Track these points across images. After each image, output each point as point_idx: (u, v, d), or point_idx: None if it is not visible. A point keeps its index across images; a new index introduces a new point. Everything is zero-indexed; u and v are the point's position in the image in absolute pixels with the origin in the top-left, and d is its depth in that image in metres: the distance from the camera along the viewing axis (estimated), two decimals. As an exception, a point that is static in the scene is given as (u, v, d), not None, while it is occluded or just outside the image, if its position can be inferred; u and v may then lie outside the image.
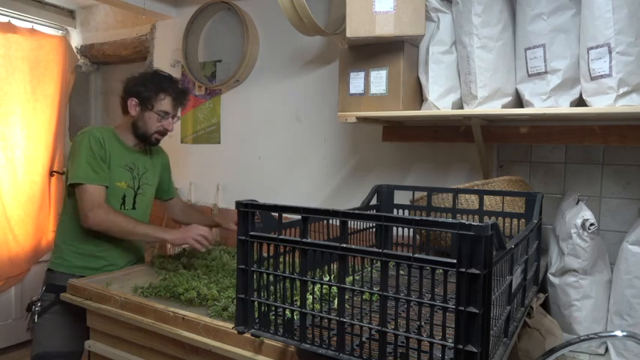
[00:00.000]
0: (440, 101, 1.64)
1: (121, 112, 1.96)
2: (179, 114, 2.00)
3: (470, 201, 1.56)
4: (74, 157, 1.80)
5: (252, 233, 1.01)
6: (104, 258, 1.90)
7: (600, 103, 1.35)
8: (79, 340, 1.76)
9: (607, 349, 1.44)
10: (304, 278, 0.96)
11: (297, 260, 0.99)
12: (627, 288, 1.37)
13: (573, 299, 1.43)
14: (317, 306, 1.05)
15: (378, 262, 0.85)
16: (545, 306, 1.51)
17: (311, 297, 1.06)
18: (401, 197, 1.69)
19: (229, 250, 2.01)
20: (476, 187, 1.55)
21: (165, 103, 1.89)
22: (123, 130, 1.93)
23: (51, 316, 1.84)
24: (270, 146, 2.50)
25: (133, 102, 1.88)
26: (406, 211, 1.65)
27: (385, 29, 1.55)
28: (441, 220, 0.81)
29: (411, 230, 1.58)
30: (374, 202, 1.67)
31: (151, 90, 1.87)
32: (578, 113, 1.40)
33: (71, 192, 1.85)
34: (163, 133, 1.94)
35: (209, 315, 1.38)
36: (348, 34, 1.57)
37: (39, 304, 1.85)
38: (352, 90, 1.71)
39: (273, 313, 1.03)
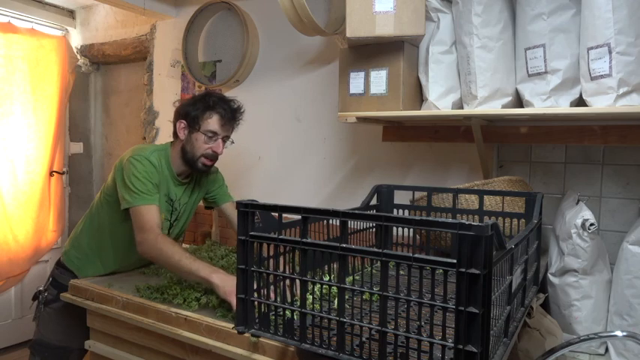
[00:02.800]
0: (440, 101, 1.64)
1: (173, 138, 1.84)
2: (232, 137, 1.84)
3: (470, 201, 1.56)
4: (128, 179, 1.65)
5: (252, 233, 1.01)
6: (119, 271, 1.88)
7: (600, 103, 1.35)
8: (75, 338, 1.79)
9: (607, 349, 1.44)
10: (304, 278, 0.96)
11: (297, 260, 0.99)
12: (627, 288, 1.37)
13: (573, 299, 1.43)
14: (317, 306, 1.05)
15: (378, 262, 0.85)
16: (545, 306, 1.51)
17: (311, 297, 1.06)
18: (401, 197, 1.69)
19: (233, 249, 2.01)
20: (476, 187, 1.55)
21: (212, 122, 1.74)
22: (174, 156, 1.80)
23: (52, 310, 1.86)
24: (270, 146, 2.50)
25: (181, 124, 1.77)
26: (406, 211, 1.65)
27: (385, 29, 1.55)
28: (441, 220, 0.82)
29: (411, 230, 1.60)
30: (374, 202, 1.67)
31: (198, 109, 1.75)
32: (578, 113, 1.40)
33: (108, 201, 1.79)
34: (212, 157, 1.77)
35: (214, 316, 1.38)
36: (348, 34, 1.57)
37: (45, 294, 1.87)
38: (352, 90, 1.71)
39: (273, 313, 1.03)
